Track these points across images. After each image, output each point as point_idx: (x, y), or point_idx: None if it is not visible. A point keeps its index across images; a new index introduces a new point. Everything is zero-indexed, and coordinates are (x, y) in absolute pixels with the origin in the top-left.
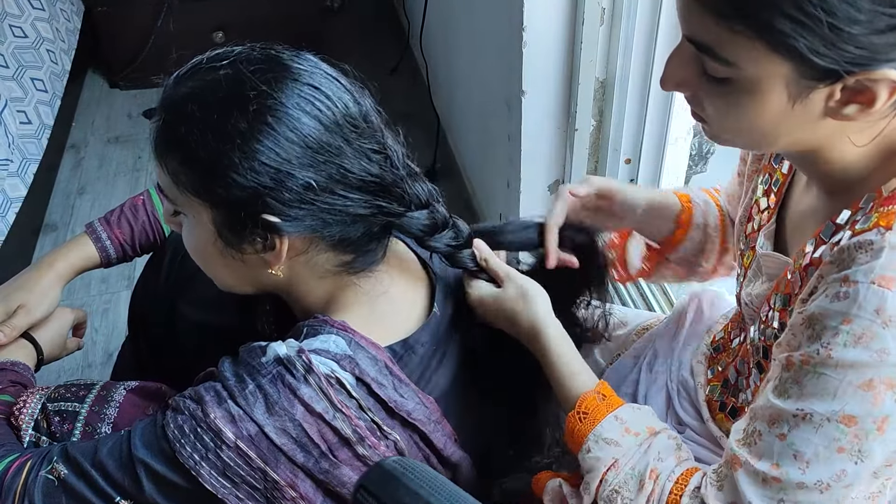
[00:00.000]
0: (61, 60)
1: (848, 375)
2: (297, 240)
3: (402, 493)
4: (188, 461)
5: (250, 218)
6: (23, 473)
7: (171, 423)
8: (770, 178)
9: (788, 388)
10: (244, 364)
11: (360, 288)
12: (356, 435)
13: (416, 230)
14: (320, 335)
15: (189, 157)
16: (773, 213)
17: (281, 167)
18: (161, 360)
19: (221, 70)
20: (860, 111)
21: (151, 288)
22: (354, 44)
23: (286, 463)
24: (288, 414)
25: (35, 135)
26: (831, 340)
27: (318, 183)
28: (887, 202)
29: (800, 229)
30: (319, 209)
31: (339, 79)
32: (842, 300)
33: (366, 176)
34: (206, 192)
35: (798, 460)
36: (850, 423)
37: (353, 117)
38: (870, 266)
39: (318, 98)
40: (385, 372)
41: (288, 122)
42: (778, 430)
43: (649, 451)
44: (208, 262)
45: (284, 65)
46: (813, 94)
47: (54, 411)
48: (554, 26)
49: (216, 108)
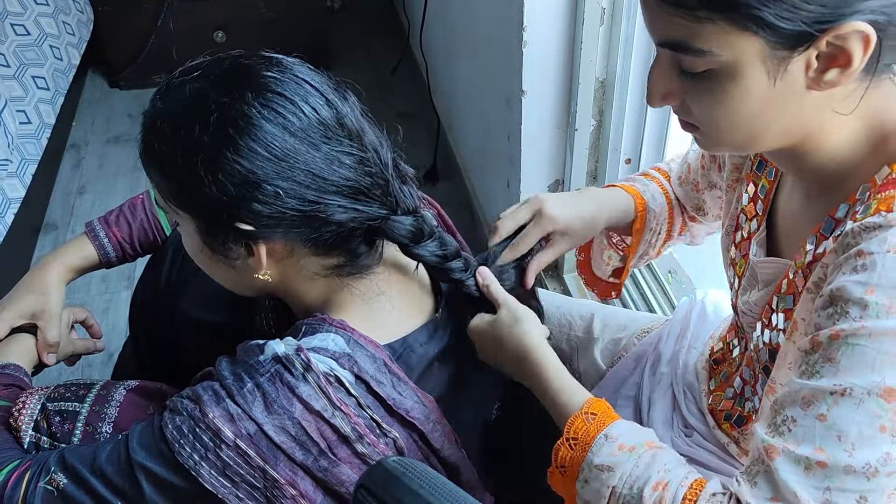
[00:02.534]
0: (68, 55)
1: (884, 345)
2: (277, 245)
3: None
4: (188, 461)
5: (226, 227)
6: (22, 485)
7: (170, 424)
8: (755, 186)
9: (820, 368)
10: (242, 363)
11: (354, 289)
12: (355, 433)
13: (401, 235)
14: (319, 333)
15: (165, 172)
16: (762, 220)
17: (247, 178)
18: (162, 359)
19: (188, 85)
20: (841, 74)
21: (152, 287)
22: (354, 44)
23: (285, 461)
24: (287, 412)
25: (34, 135)
26: (862, 312)
27: (285, 191)
28: (883, 188)
29: (794, 231)
30: (292, 216)
31: (311, 82)
32: (860, 272)
33: (339, 180)
34: (185, 203)
35: (843, 441)
36: (890, 398)
37: (323, 122)
38: (882, 237)
39: (282, 105)
40: (384, 370)
41: (250, 133)
42: (816, 412)
43: (653, 463)
44: (205, 267)
45: (252, 74)
46: (790, 65)
47: (54, 411)
48: (554, 26)
49: (182, 124)
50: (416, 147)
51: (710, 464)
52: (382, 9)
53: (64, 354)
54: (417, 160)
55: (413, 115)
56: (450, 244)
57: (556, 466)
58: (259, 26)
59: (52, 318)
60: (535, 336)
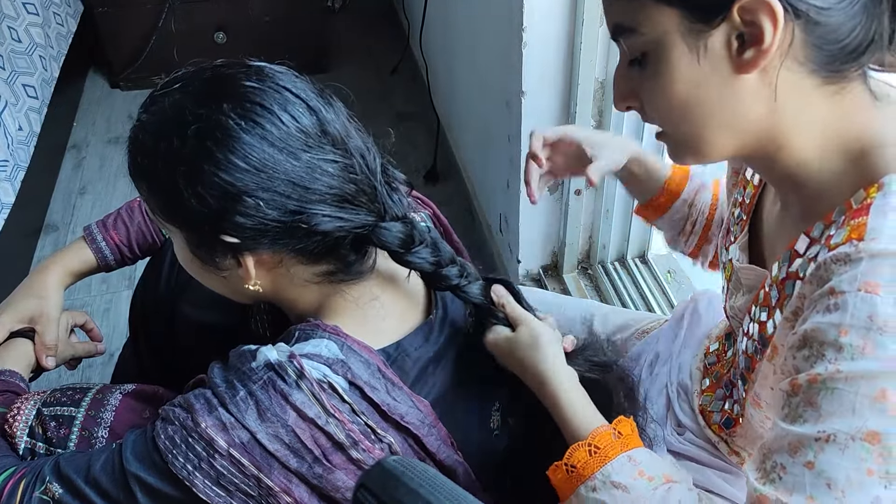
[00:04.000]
0: (50, 67)
1: (861, 387)
2: (265, 255)
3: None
4: (181, 472)
5: (212, 239)
6: (17, 494)
7: (162, 434)
8: (744, 190)
9: (802, 412)
10: (234, 370)
11: (348, 295)
12: (350, 439)
13: (390, 243)
14: (312, 339)
15: (150, 185)
16: (745, 225)
17: (227, 190)
18: (162, 360)
19: (169, 97)
20: (758, 53)
21: (152, 288)
22: (354, 44)
23: (280, 469)
24: (280, 420)
25: (25, 141)
26: (836, 355)
27: (266, 202)
28: (857, 214)
29: (773, 240)
30: (275, 227)
31: (293, 89)
32: (833, 311)
33: (322, 189)
34: (171, 216)
35: (833, 489)
36: (874, 441)
37: (304, 130)
38: (852, 274)
39: (260, 115)
40: (378, 375)
41: (228, 144)
42: (803, 459)
43: (668, 498)
44: (198, 276)
45: (230, 84)
46: (709, 41)
47: (50, 416)
48: (554, 26)
49: (162, 136)
50: (416, 147)
51: (702, 459)
52: (382, 9)
53: (63, 358)
54: (417, 160)
55: (413, 116)
56: (444, 250)
57: (567, 464)
58: (259, 27)
59: (51, 322)
60: (550, 364)
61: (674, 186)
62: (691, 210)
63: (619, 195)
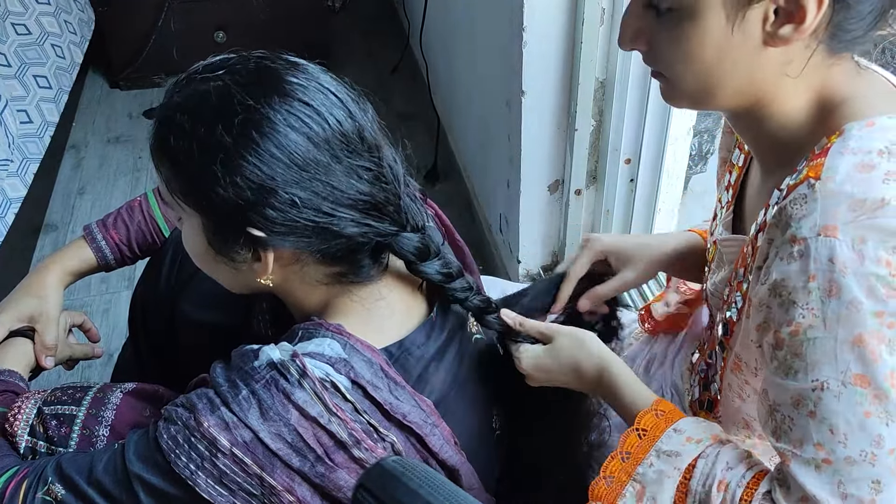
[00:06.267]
0: (70, 53)
1: (838, 332)
2: (285, 252)
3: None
4: (184, 472)
5: (236, 230)
6: (20, 495)
7: (164, 434)
8: (730, 174)
9: (792, 364)
10: (236, 369)
11: (355, 295)
12: (352, 438)
13: (408, 252)
14: (315, 338)
15: (178, 166)
16: (730, 205)
17: (265, 183)
18: (162, 360)
19: (213, 82)
20: (795, 31)
21: (152, 288)
22: (354, 44)
23: (282, 468)
24: (282, 419)
25: (37, 133)
26: (808, 300)
27: (302, 200)
28: (817, 156)
29: (754, 208)
30: (305, 226)
31: (336, 92)
32: (798, 259)
33: (355, 194)
34: (194, 201)
35: (836, 434)
36: (864, 384)
37: (346, 134)
38: (812, 220)
39: (308, 114)
40: (381, 374)
41: (274, 139)
42: (805, 409)
43: (717, 461)
44: (204, 265)
45: (277, 78)
46: (749, 12)
47: (51, 415)
48: (554, 26)
49: (203, 121)
50: (416, 147)
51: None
52: (382, 9)
53: (62, 358)
54: (417, 160)
55: (413, 116)
56: (453, 263)
57: (622, 453)
58: (259, 26)
59: (50, 321)
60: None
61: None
62: None
63: (620, 195)
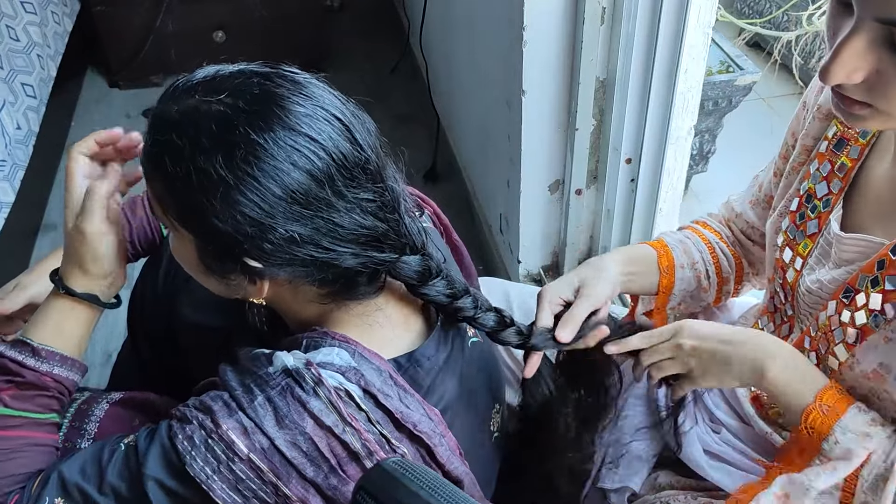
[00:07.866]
0: (48, 66)
1: None
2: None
3: (402, 493)
4: (199, 475)
5: (232, 258)
6: None
7: (180, 434)
8: (831, 165)
9: None
10: (249, 373)
11: (351, 310)
12: (365, 449)
13: (409, 276)
14: (322, 348)
15: (174, 191)
16: (838, 198)
17: (263, 219)
18: (160, 360)
19: (214, 105)
20: None
21: (150, 288)
22: (354, 44)
23: (297, 478)
24: (298, 427)
25: (24, 140)
26: None
27: (302, 237)
28: None
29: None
30: (304, 259)
31: (341, 117)
32: None
33: (357, 229)
34: (189, 226)
35: None
36: None
37: (349, 167)
38: None
39: (313, 150)
40: (390, 382)
41: (274, 175)
42: None
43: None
44: (194, 275)
45: (281, 107)
46: None
47: None
48: (554, 26)
49: (202, 149)
50: (416, 147)
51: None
52: (382, 9)
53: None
54: (417, 160)
55: (413, 116)
56: (458, 282)
57: (806, 427)
58: (258, 26)
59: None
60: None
61: (665, 262)
62: (695, 266)
63: (620, 195)
